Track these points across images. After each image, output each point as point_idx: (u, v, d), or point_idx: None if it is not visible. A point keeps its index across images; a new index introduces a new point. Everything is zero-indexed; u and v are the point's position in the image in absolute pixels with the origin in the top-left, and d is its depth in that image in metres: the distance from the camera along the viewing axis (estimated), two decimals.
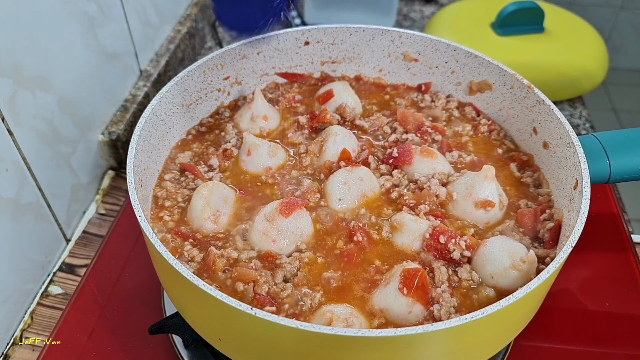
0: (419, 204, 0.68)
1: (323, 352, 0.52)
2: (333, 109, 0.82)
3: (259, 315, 0.49)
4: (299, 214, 0.65)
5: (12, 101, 0.72)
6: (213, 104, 0.83)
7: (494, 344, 0.60)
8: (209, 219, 0.66)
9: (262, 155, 0.74)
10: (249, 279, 0.60)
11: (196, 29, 1.22)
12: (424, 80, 0.87)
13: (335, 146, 0.73)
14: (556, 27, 1.13)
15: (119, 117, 0.97)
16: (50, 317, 0.80)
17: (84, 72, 0.88)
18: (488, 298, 0.60)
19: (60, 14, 0.80)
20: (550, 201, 0.70)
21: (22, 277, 0.79)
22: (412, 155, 0.72)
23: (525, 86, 0.75)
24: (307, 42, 0.86)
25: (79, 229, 0.90)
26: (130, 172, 0.63)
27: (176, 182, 0.73)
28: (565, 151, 0.68)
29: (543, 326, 0.74)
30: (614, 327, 0.75)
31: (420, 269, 0.59)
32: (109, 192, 0.96)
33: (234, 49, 0.81)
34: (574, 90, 1.10)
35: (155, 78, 1.05)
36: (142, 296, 0.79)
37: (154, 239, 0.56)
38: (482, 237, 0.65)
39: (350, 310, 0.58)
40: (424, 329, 0.48)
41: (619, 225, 0.87)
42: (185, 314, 0.64)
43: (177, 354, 0.72)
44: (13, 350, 0.76)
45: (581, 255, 0.76)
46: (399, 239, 0.65)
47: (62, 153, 0.84)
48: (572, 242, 0.56)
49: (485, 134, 0.80)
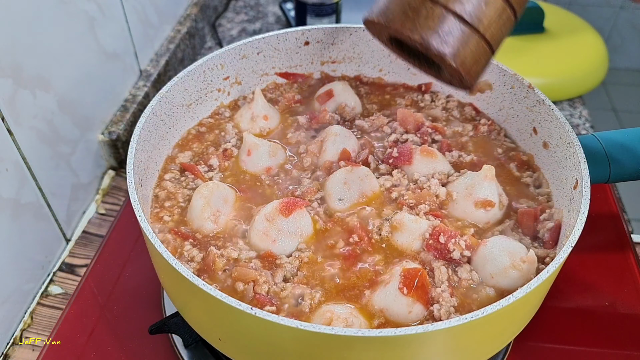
0: (419, 203, 0.68)
1: (323, 352, 0.52)
2: (333, 109, 0.82)
3: (259, 315, 0.49)
4: (299, 213, 0.65)
5: (12, 101, 0.72)
6: (213, 104, 0.83)
7: (494, 344, 0.60)
8: (209, 219, 0.66)
9: (262, 155, 0.74)
10: (249, 279, 0.60)
11: (196, 29, 1.22)
12: (424, 81, 0.87)
13: (335, 146, 0.73)
14: (556, 27, 1.13)
15: (119, 117, 0.97)
16: (50, 317, 0.80)
17: (84, 72, 0.88)
18: (488, 298, 0.60)
19: (60, 14, 0.80)
20: (550, 201, 0.70)
21: (22, 277, 0.79)
22: (412, 155, 0.72)
23: (525, 86, 0.75)
24: (307, 42, 0.86)
25: (79, 229, 0.90)
26: (130, 172, 0.63)
27: (176, 182, 0.73)
28: (565, 151, 0.68)
29: (543, 326, 0.74)
30: (614, 327, 0.75)
31: (420, 269, 0.59)
32: (109, 192, 0.96)
33: (234, 49, 0.81)
34: (574, 90, 1.10)
35: (155, 78, 1.05)
36: (142, 296, 0.79)
37: (154, 239, 0.56)
38: (482, 237, 0.65)
39: (350, 310, 0.58)
40: (424, 328, 0.48)
41: (619, 225, 0.87)
42: (185, 314, 0.64)
43: (177, 354, 0.72)
44: (13, 350, 0.76)
45: (581, 255, 0.76)
46: (399, 238, 0.65)
47: (62, 153, 0.84)
48: (572, 242, 0.56)
49: (485, 134, 0.80)
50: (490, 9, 0.49)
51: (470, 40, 0.49)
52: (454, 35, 0.49)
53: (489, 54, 0.51)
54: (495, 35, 0.50)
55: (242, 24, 1.34)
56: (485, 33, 0.49)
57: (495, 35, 0.50)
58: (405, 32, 0.49)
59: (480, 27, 0.49)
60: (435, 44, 0.48)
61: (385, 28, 0.52)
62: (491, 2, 0.49)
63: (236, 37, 1.30)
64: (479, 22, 0.49)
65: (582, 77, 1.09)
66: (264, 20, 1.35)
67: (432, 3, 0.49)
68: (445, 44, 0.49)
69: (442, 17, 0.48)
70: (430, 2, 0.49)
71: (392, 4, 0.51)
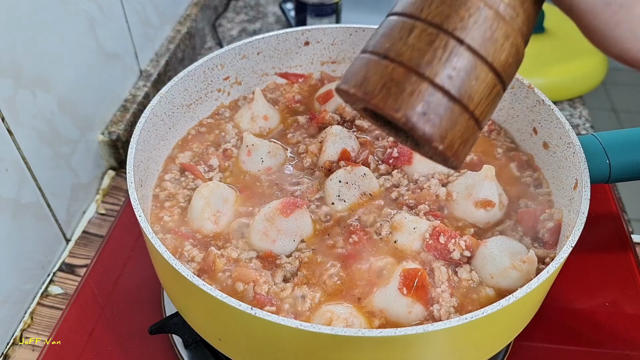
0: (419, 204, 0.68)
1: (323, 352, 0.52)
2: (333, 109, 0.82)
3: (259, 315, 0.49)
4: (299, 213, 0.65)
5: (12, 101, 0.72)
6: (213, 104, 0.83)
7: (494, 344, 0.60)
8: (209, 219, 0.66)
9: (262, 155, 0.74)
10: (249, 279, 0.60)
11: (196, 29, 1.22)
12: None
13: (335, 146, 0.73)
14: (556, 27, 1.13)
15: (119, 117, 0.97)
16: (50, 317, 0.80)
17: (84, 72, 0.88)
18: (488, 298, 0.60)
19: (60, 14, 0.80)
20: (550, 201, 0.70)
21: (22, 277, 0.79)
22: (412, 155, 0.72)
23: (525, 86, 0.75)
24: (307, 42, 0.86)
25: (79, 229, 0.90)
26: (130, 172, 0.63)
27: (176, 182, 0.73)
28: (565, 151, 0.68)
29: (543, 326, 0.74)
30: (614, 327, 0.75)
31: (420, 269, 0.59)
32: (109, 192, 0.96)
33: (234, 49, 0.81)
34: (574, 90, 1.10)
35: (155, 78, 1.05)
36: (142, 296, 0.79)
37: (154, 239, 0.56)
38: (482, 237, 0.65)
39: (350, 310, 0.58)
40: (424, 329, 0.48)
41: (619, 225, 0.87)
42: (185, 314, 0.64)
43: (177, 354, 0.72)
44: (13, 350, 0.76)
45: (581, 255, 0.76)
46: (398, 239, 0.65)
47: (62, 153, 0.84)
48: (572, 242, 0.56)
49: (485, 134, 0.80)
50: (481, 84, 0.44)
51: (459, 120, 0.44)
52: (442, 114, 0.43)
53: (478, 133, 0.46)
54: (485, 113, 0.45)
55: (242, 24, 1.34)
56: (475, 110, 0.44)
57: (485, 113, 0.45)
58: (386, 110, 0.43)
59: (470, 104, 0.44)
60: (421, 125, 0.42)
61: (362, 101, 0.45)
62: (482, 77, 0.43)
63: (236, 37, 1.30)
64: (469, 99, 0.43)
65: (582, 77, 1.09)
66: (264, 20, 1.35)
67: (417, 77, 0.42)
68: (432, 126, 0.43)
69: (428, 94, 0.42)
70: (415, 76, 0.43)
71: (371, 74, 0.44)
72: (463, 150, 0.45)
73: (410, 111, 0.42)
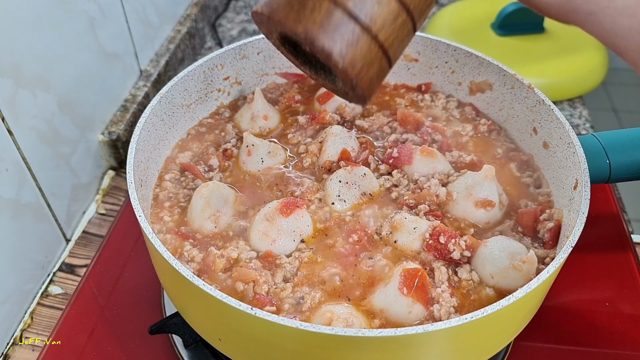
0: (419, 204, 0.68)
1: (323, 352, 0.52)
2: (333, 109, 0.82)
3: (259, 315, 0.49)
4: (299, 213, 0.65)
5: (12, 101, 0.72)
6: (213, 104, 0.83)
7: (494, 344, 0.60)
8: (209, 219, 0.66)
9: (262, 155, 0.74)
10: (249, 279, 0.60)
11: (196, 29, 1.22)
12: (424, 81, 0.87)
13: (335, 146, 0.73)
14: (556, 27, 1.13)
15: (119, 117, 0.97)
16: (50, 317, 0.80)
17: (84, 72, 0.88)
18: (488, 298, 0.60)
19: (60, 14, 0.80)
20: (550, 201, 0.70)
21: (22, 277, 0.79)
22: (412, 155, 0.72)
23: (525, 86, 0.75)
24: None
25: (79, 229, 0.90)
26: (130, 172, 0.63)
27: (176, 182, 0.73)
28: (565, 151, 0.68)
29: (543, 326, 0.74)
30: (614, 327, 0.75)
31: (420, 269, 0.59)
32: (109, 192, 0.96)
33: (234, 49, 0.81)
34: (574, 90, 1.10)
35: (155, 78, 1.05)
36: (142, 296, 0.79)
37: (154, 239, 0.56)
38: (482, 237, 0.65)
39: (350, 310, 0.58)
40: (424, 329, 0.48)
41: (619, 225, 0.87)
42: (185, 314, 0.64)
43: (177, 354, 0.72)
44: (13, 350, 0.76)
45: (581, 255, 0.76)
46: (398, 239, 0.65)
47: (62, 153, 0.84)
48: (572, 242, 0.56)
49: (485, 134, 0.80)
50: (383, 9, 0.44)
51: (360, 40, 0.44)
52: (342, 32, 0.44)
53: (384, 61, 0.46)
54: (390, 40, 0.45)
55: (242, 24, 1.34)
56: (378, 34, 0.45)
57: (390, 40, 0.45)
58: (288, 24, 0.45)
59: (372, 26, 0.44)
60: (320, 39, 0.44)
61: (268, 20, 0.47)
62: (384, 3, 0.44)
63: (236, 37, 1.30)
64: (371, 21, 0.44)
65: (582, 77, 1.09)
66: None
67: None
68: (331, 40, 0.43)
69: (329, 11, 0.44)
70: None
71: None
72: (367, 73, 0.46)
73: (310, 25, 0.44)
